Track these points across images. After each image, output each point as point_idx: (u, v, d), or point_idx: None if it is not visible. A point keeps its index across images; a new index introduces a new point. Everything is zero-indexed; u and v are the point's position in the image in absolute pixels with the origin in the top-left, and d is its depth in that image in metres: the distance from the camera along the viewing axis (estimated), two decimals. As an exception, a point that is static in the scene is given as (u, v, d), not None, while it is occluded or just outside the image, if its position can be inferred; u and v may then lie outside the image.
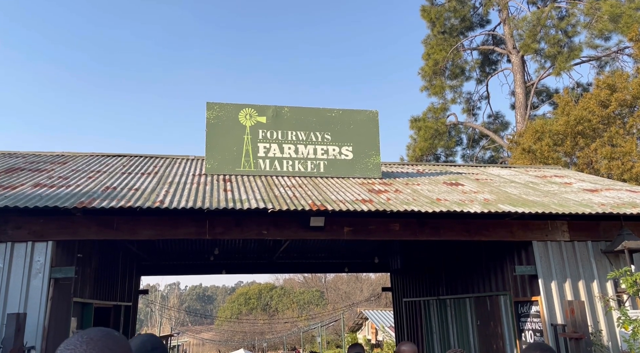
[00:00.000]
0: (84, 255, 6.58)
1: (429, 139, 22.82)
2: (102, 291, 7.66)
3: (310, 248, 12.03)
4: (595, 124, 12.76)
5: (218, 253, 10.32)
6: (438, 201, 6.60)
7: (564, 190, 7.54)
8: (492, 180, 8.43)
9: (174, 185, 6.83)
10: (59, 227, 5.56)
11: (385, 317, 22.89)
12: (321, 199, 6.42)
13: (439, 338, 9.41)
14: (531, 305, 6.62)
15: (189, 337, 40.39)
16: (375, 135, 8.35)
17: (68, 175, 6.84)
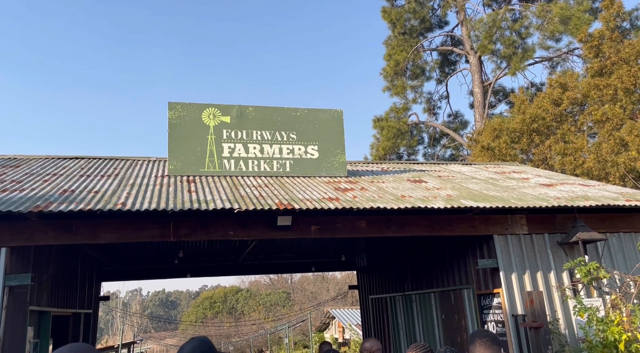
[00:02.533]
0: (41, 261, 6.33)
1: (392, 139, 23.16)
2: (60, 298, 7.38)
3: (276, 249, 11.98)
4: (549, 122, 13.30)
5: (182, 256, 10.14)
6: (403, 198, 6.71)
7: (522, 185, 7.81)
8: (454, 177, 8.64)
9: (135, 186, 6.65)
10: (13, 232, 5.32)
11: (352, 315, 23.06)
12: (288, 198, 6.41)
13: (405, 333, 9.56)
14: (493, 297, 6.81)
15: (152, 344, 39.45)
16: (340, 134, 8.41)
17: (22, 178, 6.56)
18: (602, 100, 12.37)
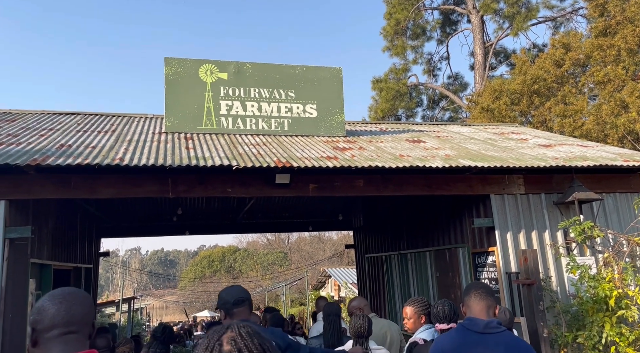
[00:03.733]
0: (40, 215, 6.36)
1: (391, 100, 22.95)
2: (61, 253, 7.47)
3: (274, 208, 12.07)
4: (550, 83, 13.14)
5: (181, 213, 10.20)
6: (401, 157, 6.71)
7: (520, 146, 7.80)
8: (453, 137, 8.61)
9: (133, 143, 6.61)
10: (12, 185, 5.32)
11: (347, 274, 23.53)
12: (286, 156, 6.39)
13: (400, 291, 9.77)
14: (488, 256, 6.93)
15: (152, 300, 40.36)
16: (339, 92, 8.30)
17: (18, 132, 6.50)
18: (605, 61, 12.19)
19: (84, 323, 1.50)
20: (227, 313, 3.02)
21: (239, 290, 3.06)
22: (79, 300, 1.52)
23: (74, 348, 1.44)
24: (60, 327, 1.44)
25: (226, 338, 1.06)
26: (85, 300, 1.55)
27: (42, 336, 1.44)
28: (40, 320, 1.45)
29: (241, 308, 2.97)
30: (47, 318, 1.44)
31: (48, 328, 1.44)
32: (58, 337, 1.44)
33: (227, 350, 1.03)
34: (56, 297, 1.50)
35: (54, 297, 1.50)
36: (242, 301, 2.99)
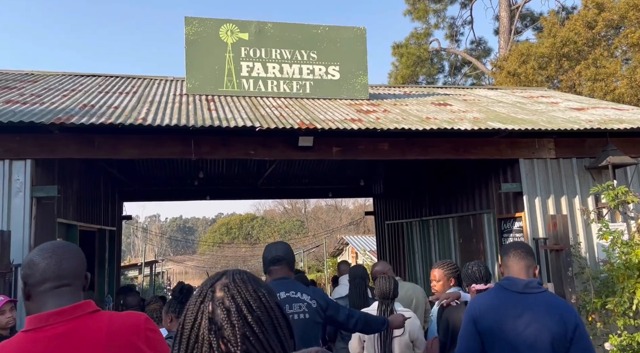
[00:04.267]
0: (65, 176, 6.39)
1: (411, 66, 22.42)
2: (85, 214, 7.55)
3: (294, 175, 12.01)
4: (580, 46, 12.60)
5: (203, 177, 10.21)
6: (427, 120, 6.52)
7: (551, 109, 7.53)
8: (480, 101, 8.35)
9: (155, 104, 6.54)
10: (37, 145, 5.31)
11: (365, 241, 23.63)
12: (309, 118, 6.26)
13: (420, 257, 9.72)
14: (514, 221, 6.79)
15: (172, 265, 41.31)
16: (362, 53, 8.06)
17: (41, 93, 6.46)
18: (641, 22, 11.60)
19: (76, 276, 1.49)
20: (265, 271, 2.99)
21: (279, 248, 3.01)
22: (70, 254, 1.51)
23: (68, 301, 1.43)
24: (52, 280, 1.44)
25: (219, 284, 1.00)
26: (76, 253, 1.54)
27: (35, 290, 1.44)
28: (31, 274, 1.44)
29: (277, 267, 2.93)
30: (37, 272, 1.44)
31: (40, 282, 1.44)
32: (51, 290, 1.43)
33: (220, 297, 0.97)
34: (46, 251, 1.48)
35: (43, 251, 1.48)
36: (279, 260, 2.94)
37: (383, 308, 3.88)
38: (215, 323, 0.93)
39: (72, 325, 1.40)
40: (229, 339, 0.92)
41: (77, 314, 1.42)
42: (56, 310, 1.40)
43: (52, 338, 1.37)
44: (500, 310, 2.59)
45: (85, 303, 1.47)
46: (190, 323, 0.95)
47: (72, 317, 1.41)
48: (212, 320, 0.93)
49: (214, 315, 0.94)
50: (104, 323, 1.44)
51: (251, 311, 0.95)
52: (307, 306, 2.86)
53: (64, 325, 1.39)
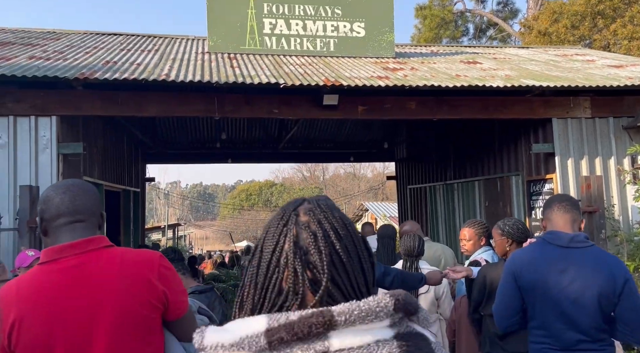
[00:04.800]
0: (89, 134, 6.38)
1: (435, 29, 21.74)
2: (110, 174, 7.59)
3: (315, 138, 11.89)
4: (617, 3, 11.95)
5: (225, 139, 10.16)
6: (457, 77, 6.29)
7: (587, 67, 7.20)
8: (511, 59, 8.02)
9: (177, 61, 6.43)
10: (62, 101, 5.28)
11: (384, 207, 23.59)
12: (334, 76, 6.09)
13: (444, 222, 9.61)
14: (544, 183, 6.60)
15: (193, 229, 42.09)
16: (389, 9, 7.76)
17: (63, 50, 6.40)
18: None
19: (90, 213, 1.49)
20: None
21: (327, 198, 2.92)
22: (83, 191, 1.52)
23: (81, 236, 1.45)
24: (66, 215, 1.45)
25: (303, 208, 0.90)
26: (90, 190, 1.55)
27: (50, 225, 1.46)
28: (46, 210, 1.47)
29: None
30: (52, 208, 1.46)
31: (55, 217, 1.45)
32: (65, 225, 1.45)
33: (305, 221, 0.87)
34: (60, 188, 1.50)
35: (57, 188, 1.51)
36: None
37: (407, 265, 3.80)
38: (300, 247, 0.85)
39: (86, 257, 1.41)
40: (315, 265, 0.84)
41: (91, 248, 1.43)
42: (69, 243, 1.42)
43: (66, 269, 1.39)
44: (543, 264, 2.47)
45: (99, 237, 1.47)
46: (271, 247, 0.87)
47: (85, 250, 1.42)
48: (297, 244, 0.85)
49: (298, 239, 0.86)
50: (117, 257, 1.45)
51: (339, 238, 0.86)
52: None
53: (77, 257, 1.41)
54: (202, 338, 0.81)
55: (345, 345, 0.78)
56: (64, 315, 1.36)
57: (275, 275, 0.85)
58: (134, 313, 1.40)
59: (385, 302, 0.80)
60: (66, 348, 1.35)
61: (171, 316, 1.49)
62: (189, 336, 1.49)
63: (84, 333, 1.36)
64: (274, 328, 0.77)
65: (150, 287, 1.43)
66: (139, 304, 1.41)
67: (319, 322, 0.76)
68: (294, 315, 0.77)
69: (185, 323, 1.54)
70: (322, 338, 0.77)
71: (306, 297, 0.83)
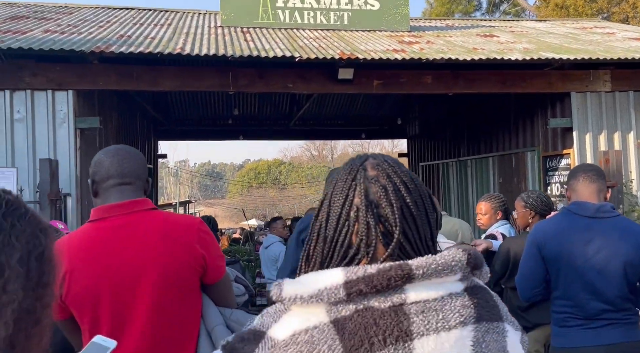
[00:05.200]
0: (104, 109, 6.39)
1: (447, 3, 21.35)
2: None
3: (326, 116, 11.83)
4: (638, -25, 11.64)
5: (237, 114, 10.13)
6: (475, 51, 6.19)
7: (607, 39, 7.04)
8: (529, 32, 7.87)
9: (191, 35, 6.38)
10: (78, 75, 5.27)
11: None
12: (350, 49, 6.01)
13: (457, 199, 9.59)
14: (561, 159, 6.55)
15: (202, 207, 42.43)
16: (404, -19, 7.60)
17: (77, 24, 6.36)
18: None
19: (137, 176, 1.56)
20: None
21: None
22: (131, 155, 1.59)
23: (128, 197, 1.52)
24: (115, 177, 1.51)
25: (370, 163, 0.90)
26: (137, 155, 1.62)
27: (100, 186, 1.53)
28: (97, 172, 1.54)
29: None
30: (103, 170, 1.52)
31: (104, 179, 1.52)
32: (114, 187, 1.51)
33: (374, 175, 0.88)
34: (109, 152, 1.58)
35: (107, 152, 1.58)
36: None
37: None
38: (371, 201, 0.85)
39: (132, 218, 1.48)
40: (386, 218, 0.84)
41: (137, 209, 1.49)
42: (118, 203, 1.48)
43: (114, 227, 1.46)
44: (568, 235, 2.44)
45: (144, 200, 1.54)
46: (340, 201, 0.87)
47: (132, 211, 1.48)
48: (368, 198, 0.85)
49: (368, 193, 0.86)
50: (161, 219, 1.52)
51: (408, 191, 0.87)
52: None
53: (124, 217, 1.47)
54: (280, 291, 0.82)
55: (421, 298, 0.80)
56: (111, 270, 1.42)
57: (345, 229, 0.85)
58: (175, 274, 1.44)
59: (460, 256, 0.81)
60: (112, 301, 1.41)
61: (209, 280, 1.53)
62: (225, 301, 1.58)
63: (128, 289, 1.42)
64: (352, 281, 0.78)
65: (190, 250, 1.47)
66: (180, 266, 1.45)
67: (398, 275, 0.78)
68: (371, 268, 0.79)
69: (221, 287, 1.59)
70: (399, 291, 0.79)
71: (377, 250, 0.84)
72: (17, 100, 5.06)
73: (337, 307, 0.79)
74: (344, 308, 0.79)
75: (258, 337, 0.82)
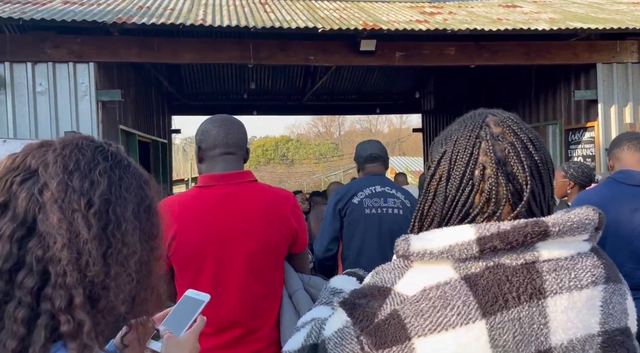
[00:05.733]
0: (123, 82, 6.35)
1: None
2: (141, 124, 7.60)
3: (340, 90, 11.71)
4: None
5: (254, 88, 10.04)
6: (499, 21, 6.05)
7: (634, 9, 6.86)
8: (552, 2, 7.68)
9: (209, 6, 6.27)
10: (99, 47, 5.21)
11: (405, 162, 23.53)
12: (372, 20, 5.89)
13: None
14: (584, 132, 6.46)
15: (212, 185, 42.52)
16: (425, -50, 7.40)
17: (94, -5, 6.26)
18: None
19: (240, 147, 1.64)
20: (359, 166, 2.95)
21: (374, 146, 2.94)
22: (235, 126, 1.66)
23: (233, 167, 1.61)
24: (220, 146, 1.60)
25: (492, 120, 0.86)
26: (241, 127, 1.68)
27: (207, 154, 1.62)
28: (204, 140, 1.62)
29: (373, 165, 2.87)
30: (210, 138, 1.61)
31: (211, 147, 1.61)
32: (219, 156, 1.60)
33: (499, 132, 0.84)
34: (217, 121, 1.65)
35: (214, 121, 1.65)
36: (375, 158, 2.89)
37: None
38: (499, 159, 0.82)
39: (237, 188, 1.58)
40: (514, 176, 0.82)
41: (242, 180, 1.60)
42: (225, 173, 1.59)
43: (220, 195, 1.56)
44: (614, 203, 2.41)
45: (247, 172, 1.66)
46: (464, 159, 0.84)
47: (237, 182, 1.59)
48: (496, 155, 0.82)
49: (495, 150, 0.83)
50: (263, 191, 1.62)
51: (536, 149, 0.84)
52: (402, 203, 2.82)
53: (230, 186, 1.57)
54: (407, 246, 0.81)
55: (553, 256, 0.79)
56: (215, 234, 1.52)
57: (468, 188, 0.83)
58: (272, 242, 1.56)
59: (592, 215, 0.81)
60: (213, 263, 1.51)
61: (296, 249, 1.65)
62: (303, 268, 1.72)
63: (229, 253, 1.52)
64: (486, 237, 0.77)
65: (286, 222, 1.58)
66: (276, 235, 1.56)
67: (535, 231, 0.76)
68: (505, 224, 0.77)
69: (304, 256, 1.73)
70: (531, 249, 0.78)
71: (504, 209, 0.82)
72: (39, 73, 5.03)
73: (465, 263, 0.78)
74: (474, 265, 0.78)
75: (383, 292, 0.81)
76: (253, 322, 1.54)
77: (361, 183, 2.86)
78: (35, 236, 0.71)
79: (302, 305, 1.57)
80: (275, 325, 1.59)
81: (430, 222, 0.88)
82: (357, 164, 3.00)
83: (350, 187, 2.92)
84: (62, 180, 0.74)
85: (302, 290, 1.62)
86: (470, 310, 0.75)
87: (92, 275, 0.72)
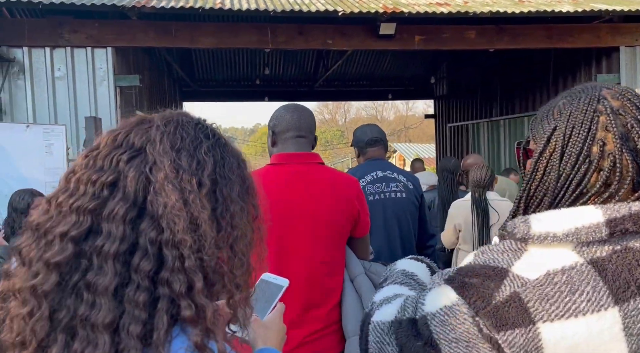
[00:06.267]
0: (138, 68, 6.29)
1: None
2: (155, 110, 7.53)
3: (351, 77, 11.61)
4: None
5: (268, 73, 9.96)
6: (521, 3, 5.93)
7: (660, -8, 6.70)
8: (573, -15, 7.51)
9: (226, -10, 6.17)
10: (116, 32, 5.15)
11: (412, 148, 23.43)
12: (392, 3, 5.79)
13: (488, 161, 9.45)
14: (606, 117, 6.37)
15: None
16: None
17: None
18: None
19: (310, 131, 1.76)
20: (360, 151, 2.89)
21: (374, 130, 2.89)
22: (307, 113, 1.79)
23: (303, 149, 1.73)
24: (293, 130, 1.71)
25: (609, 93, 0.81)
26: (311, 114, 1.82)
27: (280, 137, 1.73)
28: (278, 124, 1.74)
29: (375, 149, 2.83)
30: (283, 123, 1.73)
31: (284, 131, 1.72)
32: (292, 139, 1.72)
33: (619, 106, 0.80)
34: (290, 107, 1.79)
35: (288, 108, 1.79)
36: (376, 141, 2.83)
37: (476, 196, 3.76)
38: (622, 134, 0.77)
39: (307, 167, 1.68)
40: (638, 152, 0.77)
41: (311, 160, 1.70)
42: (296, 153, 1.69)
43: (292, 172, 1.66)
44: None
45: (316, 154, 1.75)
46: (582, 135, 0.79)
47: (307, 162, 1.69)
48: (618, 130, 0.77)
49: (615, 124, 0.78)
50: (330, 172, 1.73)
51: None
52: (404, 186, 2.78)
53: (301, 166, 1.67)
54: (528, 228, 0.77)
55: None
56: (290, 205, 1.60)
57: (585, 166, 0.78)
58: (337, 223, 1.63)
59: None
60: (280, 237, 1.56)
61: (358, 233, 1.71)
62: (364, 254, 1.75)
63: (297, 228, 1.59)
64: (617, 219, 0.73)
65: (351, 205, 1.65)
66: (341, 215, 1.63)
67: None
68: (636, 205, 0.73)
69: (365, 241, 1.78)
70: None
71: (627, 188, 0.77)
72: (57, 58, 4.98)
73: (589, 247, 0.74)
74: (599, 249, 0.74)
75: (500, 273, 0.76)
76: (316, 297, 1.57)
77: (362, 170, 2.81)
78: (146, 217, 0.68)
79: (363, 290, 1.58)
80: (335, 307, 1.60)
81: (539, 202, 0.83)
82: (357, 149, 2.94)
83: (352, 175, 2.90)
84: (173, 159, 0.70)
85: (364, 275, 1.63)
86: (601, 297, 0.72)
87: (208, 259, 0.68)
